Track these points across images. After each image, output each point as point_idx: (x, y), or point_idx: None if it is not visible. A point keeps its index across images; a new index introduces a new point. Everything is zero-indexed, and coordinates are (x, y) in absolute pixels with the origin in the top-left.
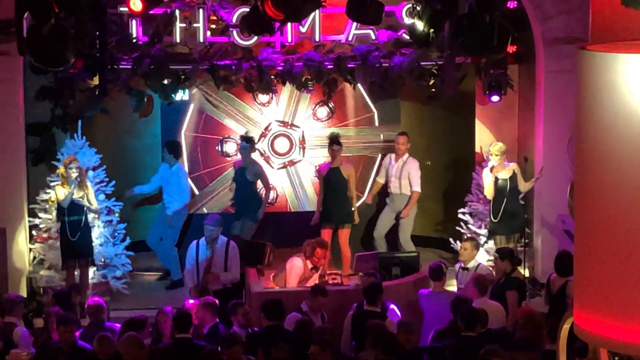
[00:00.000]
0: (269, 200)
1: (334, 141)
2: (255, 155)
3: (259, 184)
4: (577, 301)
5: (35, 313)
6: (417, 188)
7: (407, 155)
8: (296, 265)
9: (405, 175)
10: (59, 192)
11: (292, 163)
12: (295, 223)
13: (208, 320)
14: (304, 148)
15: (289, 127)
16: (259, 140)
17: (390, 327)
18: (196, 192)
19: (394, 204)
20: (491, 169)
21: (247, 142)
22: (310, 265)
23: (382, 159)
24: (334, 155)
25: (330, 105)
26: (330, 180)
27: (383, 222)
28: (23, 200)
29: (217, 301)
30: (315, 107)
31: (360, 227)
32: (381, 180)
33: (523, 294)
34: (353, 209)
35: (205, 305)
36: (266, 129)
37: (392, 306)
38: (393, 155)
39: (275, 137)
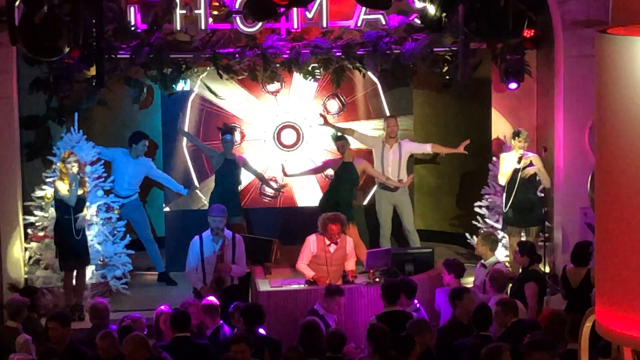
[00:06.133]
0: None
1: (338, 138)
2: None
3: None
4: (599, 297)
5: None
6: (428, 148)
7: (398, 140)
8: (308, 242)
9: (405, 158)
10: (61, 189)
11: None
12: (302, 218)
13: (210, 323)
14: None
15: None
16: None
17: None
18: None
19: (388, 195)
20: (519, 159)
21: (231, 134)
22: (327, 242)
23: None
24: (344, 150)
25: (342, 98)
26: (342, 175)
27: (386, 219)
28: (17, 198)
29: (217, 303)
30: (325, 100)
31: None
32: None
33: (543, 287)
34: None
35: (206, 308)
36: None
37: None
38: (385, 143)
39: (282, 128)
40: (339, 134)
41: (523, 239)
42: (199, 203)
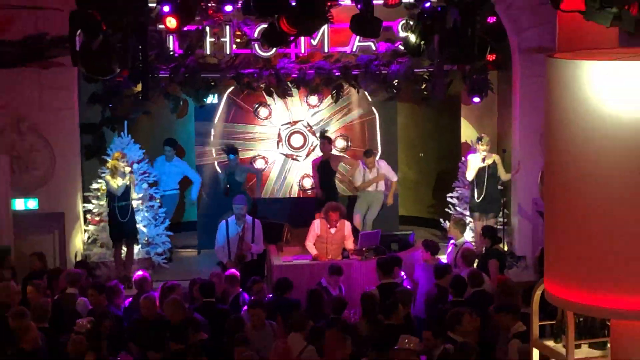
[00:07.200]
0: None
1: (323, 135)
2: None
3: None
4: (547, 271)
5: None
6: (395, 178)
7: (376, 163)
8: (314, 224)
9: (381, 177)
10: (111, 182)
11: (292, 157)
12: (306, 207)
13: (232, 291)
14: (309, 153)
15: (309, 131)
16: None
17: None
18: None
19: (367, 199)
20: (483, 159)
21: (234, 154)
22: (328, 226)
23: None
24: (323, 148)
25: (349, 142)
26: (321, 172)
27: (363, 212)
28: (78, 189)
29: (238, 274)
30: (336, 136)
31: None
32: (357, 184)
33: (503, 262)
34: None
35: (229, 279)
36: (294, 122)
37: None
38: (365, 167)
39: (293, 133)
40: (326, 132)
41: (486, 223)
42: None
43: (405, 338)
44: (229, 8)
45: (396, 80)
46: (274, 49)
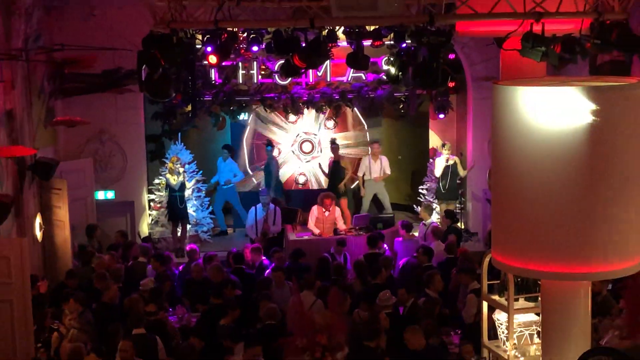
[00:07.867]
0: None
1: (333, 142)
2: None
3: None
4: (494, 243)
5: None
6: (388, 171)
7: (379, 156)
8: (313, 210)
9: (382, 169)
10: (170, 179)
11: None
12: (315, 196)
13: (257, 259)
14: (314, 158)
15: (317, 142)
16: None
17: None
18: (250, 172)
19: (371, 186)
20: (447, 160)
21: (271, 146)
22: (323, 210)
23: (359, 160)
24: (334, 152)
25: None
26: (333, 169)
27: (368, 198)
28: (144, 184)
29: (261, 247)
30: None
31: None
32: (360, 174)
33: (460, 237)
34: (353, 186)
35: (254, 250)
36: (306, 133)
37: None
38: (370, 157)
39: (305, 140)
40: (335, 140)
41: (447, 207)
42: (251, 185)
43: (385, 294)
44: (255, 48)
45: (381, 102)
46: (290, 79)
